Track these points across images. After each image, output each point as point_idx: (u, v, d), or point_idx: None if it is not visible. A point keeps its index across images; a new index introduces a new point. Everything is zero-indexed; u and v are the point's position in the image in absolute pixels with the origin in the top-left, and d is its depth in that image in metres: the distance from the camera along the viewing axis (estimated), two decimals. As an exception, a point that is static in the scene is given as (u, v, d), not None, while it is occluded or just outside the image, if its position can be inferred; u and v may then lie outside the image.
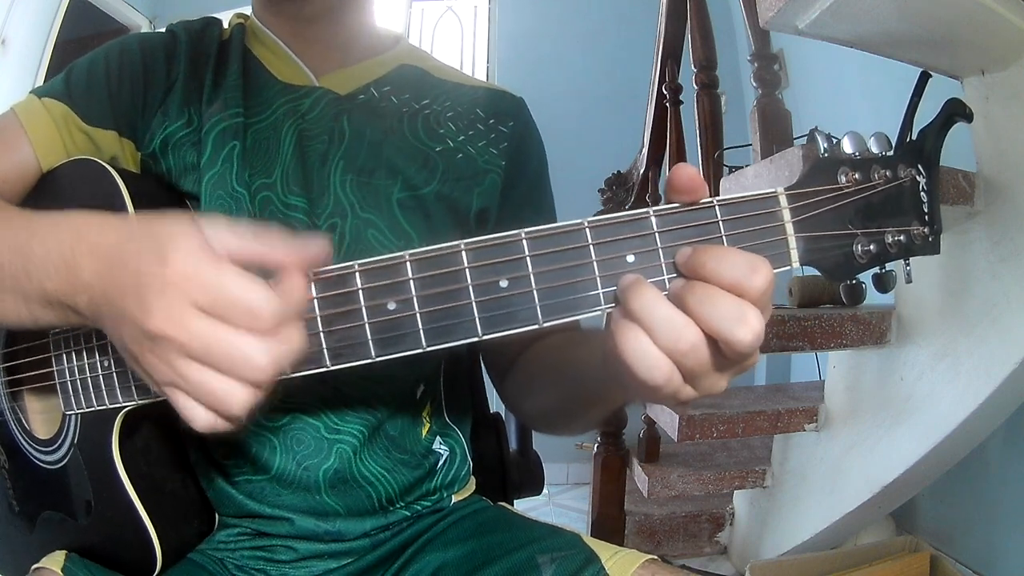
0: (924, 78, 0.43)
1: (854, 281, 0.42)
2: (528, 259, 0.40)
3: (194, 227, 0.38)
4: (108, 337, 0.42)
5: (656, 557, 0.58)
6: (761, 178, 1.34)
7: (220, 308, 0.36)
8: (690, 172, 0.40)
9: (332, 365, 0.42)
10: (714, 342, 0.37)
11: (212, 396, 0.37)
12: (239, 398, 0.37)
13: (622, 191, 2.29)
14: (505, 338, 0.41)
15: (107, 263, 0.40)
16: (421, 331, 0.41)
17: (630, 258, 0.40)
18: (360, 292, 0.41)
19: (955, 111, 0.41)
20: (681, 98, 1.95)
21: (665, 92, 1.97)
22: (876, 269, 0.42)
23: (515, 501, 0.89)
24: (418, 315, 0.41)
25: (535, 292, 0.40)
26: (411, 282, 0.41)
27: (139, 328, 0.37)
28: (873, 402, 1.46)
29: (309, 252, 0.40)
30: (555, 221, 0.43)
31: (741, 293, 0.37)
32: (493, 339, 0.41)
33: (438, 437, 0.70)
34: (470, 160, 0.68)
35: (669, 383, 0.38)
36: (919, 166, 0.41)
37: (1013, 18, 1.00)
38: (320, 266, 0.41)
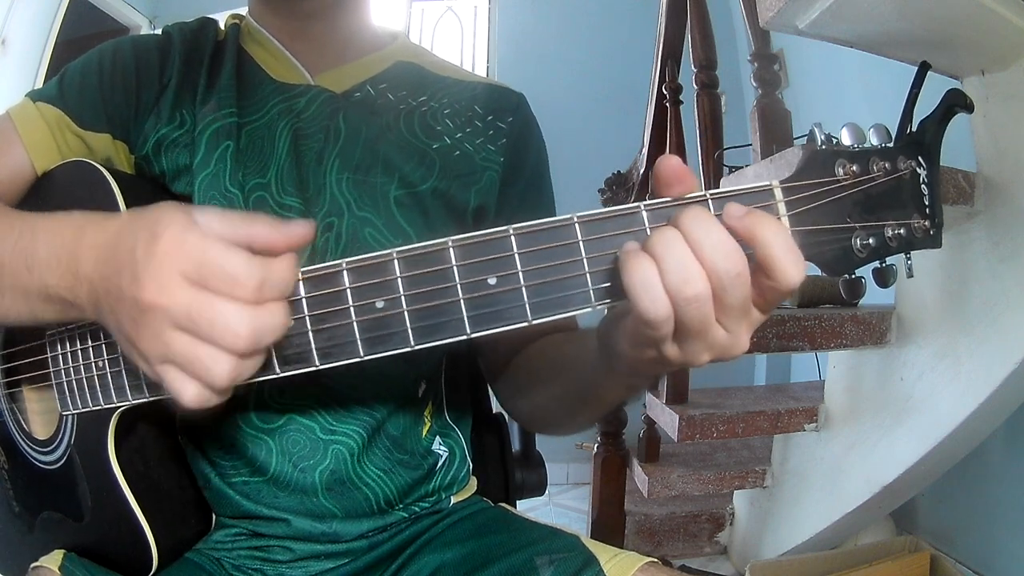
0: (924, 68, 0.42)
1: (853, 275, 0.41)
2: (516, 256, 0.39)
3: (184, 210, 0.40)
4: (106, 327, 0.44)
5: (656, 560, 0.58)
6: (761, 178, 1.32)
7: (204, 276, 0.38)
8: (674, 162, 0.39)
9: (321, 364, 0.42)
10: (719, 297, 0.37)
11: (198, 364, 0.38)
12: (222, 367, 0.38)
13: (622, 191, 2.29)
14: (499, 337, 0.41)
15: (105, 252, 0.41)
16: (409, 329, 0.41)
17: None
18: (348, 291, 0.41)
19: (955, 102, 0.41)
20: (681, 98, 1.95)
21: (665, 92, 1.97)
22: (876, 263, 0.42)
23: (516, 501, 0.89)
24: (406, 313, 0.40)
25: (524, 289, 0.39)
26: (399, 280, 0.40)
27: (133, 301, 0.39)
28: (873, 402, 1.46)
29: (294, 232, 0.41)
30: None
31: (775, 280, 0.37)
32: (484, 337, 0.40)
33: (438, 437, 0.70)
34: (467, 157, 0.67)
35: (665, 324, 0.37)
36: (919, 158, 0.41)
37: (1013, 18, 1.00)
38: (305, 246, 0.41)
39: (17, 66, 2.36)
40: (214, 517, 0.65)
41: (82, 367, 0.53)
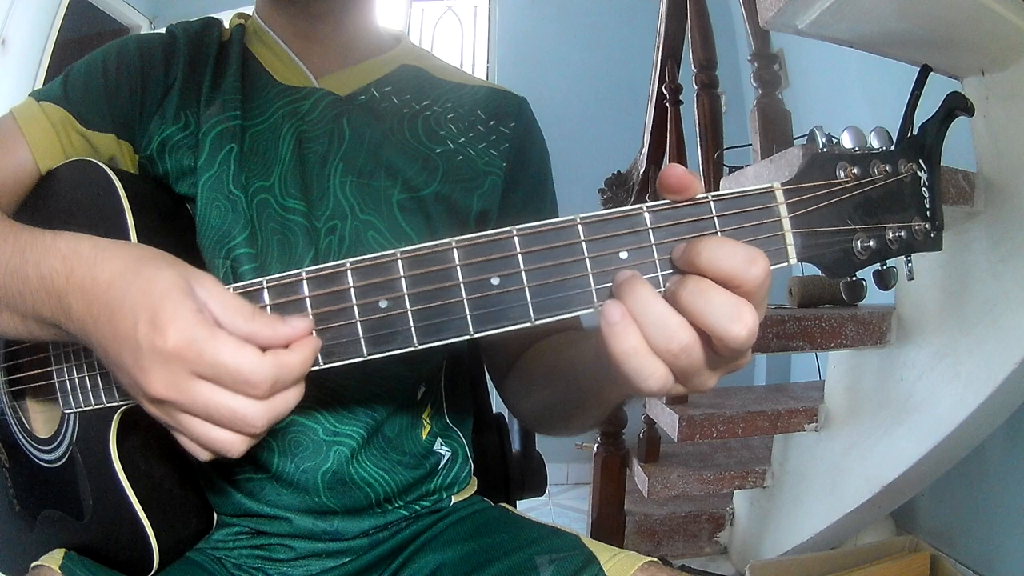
0: (925, 71, 0.42)
1: (854, 278, 0.41)
2: (520, 256, 0.40)
3: (187, 290, 0.39)
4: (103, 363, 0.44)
5: (655, 559, 0.58)
6: (761, 178, 1.34)
7: (218, 376, 0.38)
8: (679, 171, 0.39)
9: (324, 364, 0.42)
10: (707, 340, 0.37)
11: (211, 444, 0.40)
12: (237, 447, 0.40)
13: (622, 191, 2.29)
14: (503, 338, 0.41)
15: (97, 307, 0.41)
16: (412, 329, 0.41)
17: (623, 255, 0.40)
18: (352, 290, 0.41)
19: (956, 105, 0.41)
20: (681, 98, 1.95)
21: (665, 92, 1.97)
22: (877, 266, 0.42)
23: (516, 501, 0.89)
24: (409, 313, 0.41)
25: (527, 289, 0.40)
26: (402, 280, 0.41)
27: (140, 389, 0.39)
28: (873, 402, 1.46)
29: (294, 331, 0.40)
30: None
31: (738, 285, 0.36)
32: (489, 338, 0.41)
33: (439, 439, 0.70)
34: (470, 162, 0.68)
35: (660, 384, 0.38)
36: (920, 161, 0.41)
37: (1013, 18, 1.00)
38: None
39: (17, 66, 2.36)
40: (215, 516, 0.65)
41: (84, 365, 0.54)
